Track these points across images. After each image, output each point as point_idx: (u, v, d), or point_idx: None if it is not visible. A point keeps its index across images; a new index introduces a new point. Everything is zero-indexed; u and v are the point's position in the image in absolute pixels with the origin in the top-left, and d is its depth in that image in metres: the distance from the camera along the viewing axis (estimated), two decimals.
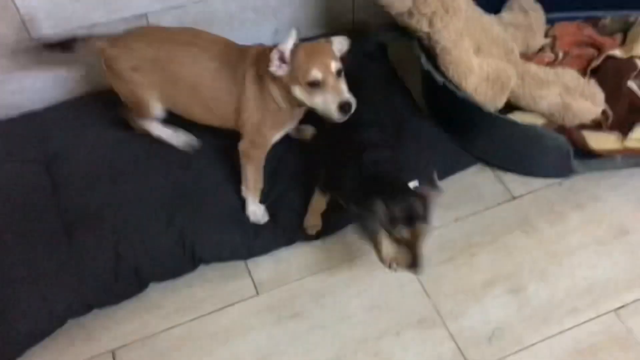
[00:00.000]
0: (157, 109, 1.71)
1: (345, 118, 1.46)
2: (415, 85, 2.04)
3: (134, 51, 1.63)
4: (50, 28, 1.82)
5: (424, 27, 1.72)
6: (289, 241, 1.72)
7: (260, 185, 1.71)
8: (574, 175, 1.88)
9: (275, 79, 1.50)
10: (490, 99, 1.78)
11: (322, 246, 1.74)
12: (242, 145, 1.64)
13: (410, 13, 1.69)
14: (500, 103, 1.82)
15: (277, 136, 1.66)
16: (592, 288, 1.66)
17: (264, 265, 1.71)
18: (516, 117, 1.89)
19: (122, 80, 1.66)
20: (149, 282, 1.64)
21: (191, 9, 1.96)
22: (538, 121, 1.90)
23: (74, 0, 1.79)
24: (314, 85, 1.45)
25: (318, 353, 1.54)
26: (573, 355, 1.53)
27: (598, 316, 1.60)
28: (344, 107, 1.44)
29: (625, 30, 2.23)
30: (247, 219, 1.70)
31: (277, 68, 1.46)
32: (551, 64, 2.09)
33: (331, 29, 2.21)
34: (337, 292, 1.65)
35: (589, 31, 2.20)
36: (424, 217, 1.37)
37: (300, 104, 1.53)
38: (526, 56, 2.08)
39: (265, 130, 1.62)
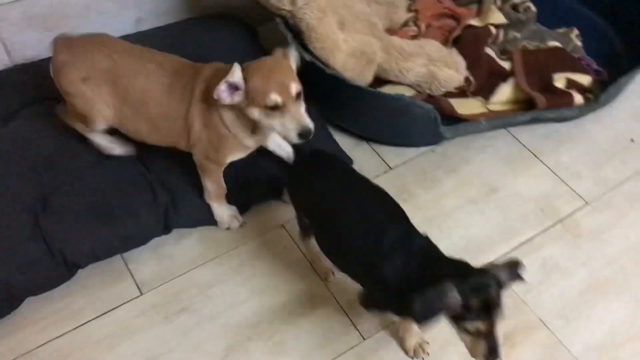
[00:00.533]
0: (101, 124, 1.60)
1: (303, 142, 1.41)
2: None
3: (87, 60, 1.52)
4: None
5: (286, 5, 1.72)
6: (165, 229, 1.66)
7: (223, 190, 1.64)
8: (444, 142, 1.96)
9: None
10: (358, 74, 1.81)
11: (204, 237, 1.70)
12: (196, 157, 1.57)
13: None
14: (369, 77, 1.86)
15: (230, 158, 1.58)
16: (469, 245, 1.74)
17: (146, 264, 1.64)
18: (386, 90, 1.94)
19: (70, 87, 1.54)
20: (23, 297, 1.52)
21: (41, 1, 1.82)
22: (407, 93, 1.97)
23: None
24: (273, 108, 1.37)
25: (209, 345, 1.51)
26: None
27: None
28: (303, 134, 1.38)
29: (479, 1, 2.35)
30: (115, 212, 1.61)
31: (227, 97, 1.38)
32: (415, 37, 2.17)
33: (196, 13, 2.16)
34: (224, 281, 1.62)
35: (447, 3, 2.30)
36: (499, 305, 1.10)
37: (256, 125, 1.46)
38: (391, 31, 2.14)
39: (216, 152, 1.54)
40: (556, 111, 1.98)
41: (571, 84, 2.04)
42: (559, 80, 2.03)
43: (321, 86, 1.87)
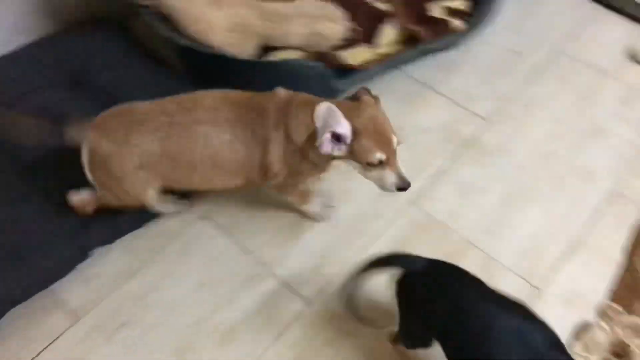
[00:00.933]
0: (154, 196, 1.49)
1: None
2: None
3: (137, 147, 1.36)
4: None
5: None
6: (82, 255, 1.61)
7: (307, 194, 1.61)
8: (340, 95, 1.98)
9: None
10: (241, 48, 1.78)
11: (125, 248, 1.66)
12: (275, 184, 1.50)
13: None
14: (251, 48, 1.83)
15: (312, 181, 1.54)
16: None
17: (75, 290, 1.59)
18: (275, 57, 1.92)
19: (121, 179, 1.40)
20: None
21: None
22: (297, 55, 1.96)
23: None
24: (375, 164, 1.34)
25: (159, 353, 1.49)
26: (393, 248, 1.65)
27: (398, 212, 1.74)
28: (402, 188, 1.37)
29: None
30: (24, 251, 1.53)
31: (330, 148, 1.31)
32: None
33: (65, 24, 2.05)
34: (158, 287, 1.60)
35: None
36: None
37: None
38: None
39: (295, 181, 1.50)
40: (439, 41, 2.03)
41: (450, 11, 2.09)
42: (436, 10, 2.07)
43: (209, 68, 1.83)
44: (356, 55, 2.03)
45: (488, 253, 1.66)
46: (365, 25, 2.08)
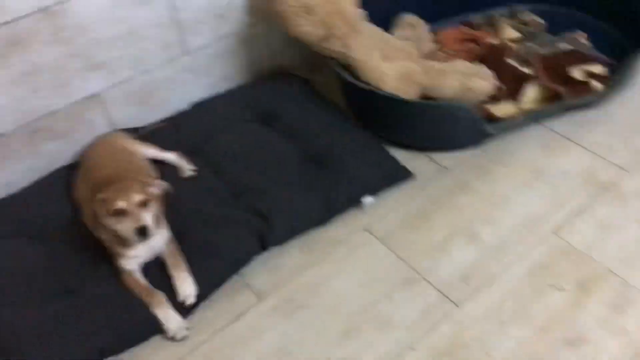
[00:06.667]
0: None
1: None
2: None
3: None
4: (13, 122, 2.01)
5: (338, 47, 2.07)
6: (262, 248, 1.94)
7: None
8: (488, 142, 2.26)
9: None
10: (406, 93, 2.13)
11: (299, 249, 1.98)
12: None
13: (325, 38, 2.04)
14: (414, 96, 2.18)
15: None
16: (529, 219, 2.00)
17: (260, 277, 1.91)
18: None
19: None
20: None
21: (135, 81, 2.21)
22: None
23: (33, 94, 1.99)
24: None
25: (329, 332, 1.76)
26: (533, 273, 1.85)
27: (540, 239, 1.94)
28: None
29: (492, 23, 2.71)
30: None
31: None
32: (445, 61, 2.51)
33: (258, 75, 2.55)
34: (328, 280, 1.89)
35: (465, 30, 2.66)
36: None
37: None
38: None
39: None
40: (580, 99, 2.27)
41: (588, 74, 2.34)
42: (576, 72, 2.33)
43: (375, 108, 2.20)
44: (502, 109, 2.32)
45: (626, 280, 1.80)
46: (511, 85, 2.37)
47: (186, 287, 1.78)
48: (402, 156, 2.23)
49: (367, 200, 2.06)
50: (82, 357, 1.66)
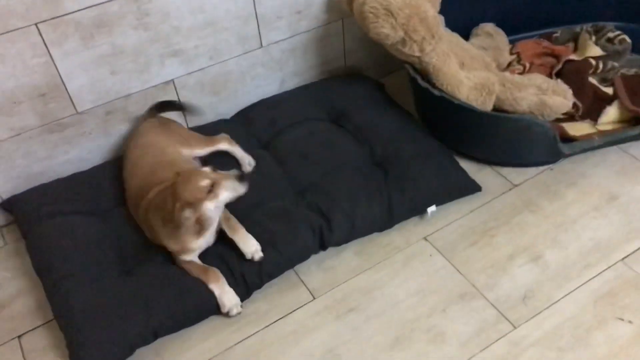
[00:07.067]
0: None
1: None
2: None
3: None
4: (92, 102, 2.08)
5: (415, 51, 2.04)
6: (321, 247, 1.97)
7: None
8: (560, 161, 2.18)
9: None
10: (481, 104, 2.08)
11: (358, 251, 1.98)
12: None
13: (403, 41, 2.02)
14: (489, 107, 2.13)
15: None
16: (598, 245, 1.92)
17: (315, 276, 1.92)
18: None
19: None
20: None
21: (210, 71, 2.25)
22: None
23: (111, 76, 2.07)
24: None
25: (379, 338, 1.74)
26: (595, 302, 1.77)
27: (609, 267, 1.86)
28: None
29: (574, 39, 2.61)
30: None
31: None
32: (521, 73, 2.44)
33: (328, 74, 2.55)
34: (382, 286, 1.87)
35: (546, 43, 2.58)
36: None
37: None
38: (499, 70, 2.43)
39: None
40: None
41: None
42: None
43: (448, 118, 2.16)
44: (577, 129, 2.24)
45: None
46: (589, 104, 2.29)
47: (251, 243, 1.82)
48: (469, 167, 2.18)
49: (431, 209, 2.02)
50: (136, 336, 1.71)
